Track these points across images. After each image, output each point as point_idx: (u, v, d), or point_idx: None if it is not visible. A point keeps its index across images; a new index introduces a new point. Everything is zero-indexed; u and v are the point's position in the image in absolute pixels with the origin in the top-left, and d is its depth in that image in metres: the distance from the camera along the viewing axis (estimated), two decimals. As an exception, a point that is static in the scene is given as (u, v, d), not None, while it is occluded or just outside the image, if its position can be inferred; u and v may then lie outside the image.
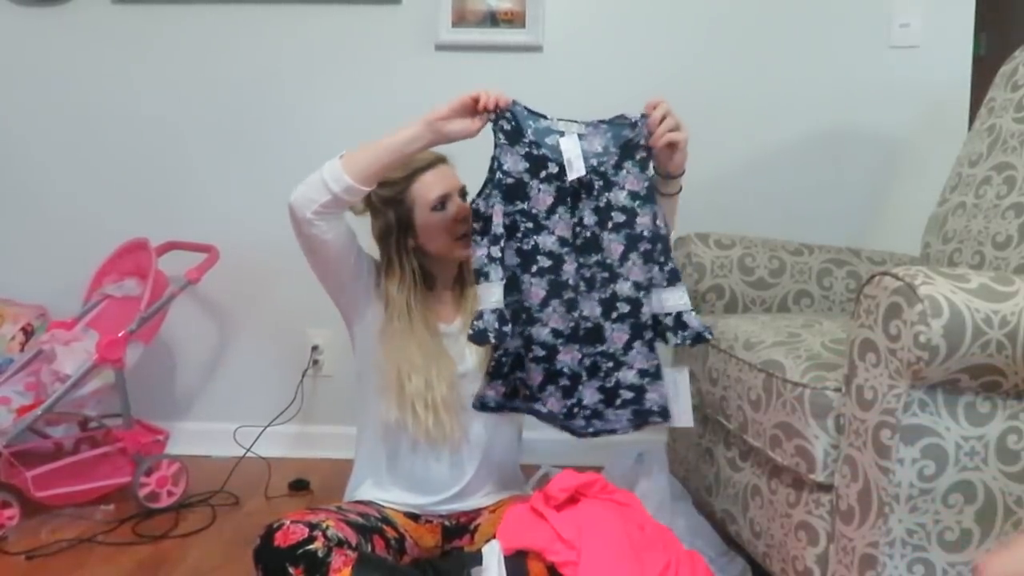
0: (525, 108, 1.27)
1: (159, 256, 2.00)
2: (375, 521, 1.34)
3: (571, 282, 1.27)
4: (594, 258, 1.27)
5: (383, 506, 1.42)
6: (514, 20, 2.14)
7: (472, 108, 1.24)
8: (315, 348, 2.22)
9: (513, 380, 1.34)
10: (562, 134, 1.26)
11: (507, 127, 1.25)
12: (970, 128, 1.79)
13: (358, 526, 1.27)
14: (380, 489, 1.45)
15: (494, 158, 1.26)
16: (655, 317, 1.30)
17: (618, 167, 1.27)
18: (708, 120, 2.15)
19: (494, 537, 1.23)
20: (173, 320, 2.11)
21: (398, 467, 1.44)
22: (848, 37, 2.13)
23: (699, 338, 1.30)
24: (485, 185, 1.27)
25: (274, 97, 2.21)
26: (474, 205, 1.26)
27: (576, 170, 1.24)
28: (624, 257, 1.27)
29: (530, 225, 1.26)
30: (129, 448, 1.87)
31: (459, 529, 1.44)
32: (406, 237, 1.41)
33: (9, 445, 1.74)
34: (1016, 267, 1.41)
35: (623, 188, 1.27)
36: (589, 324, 1.28)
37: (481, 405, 1.36)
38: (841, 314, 1.73)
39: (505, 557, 1.19)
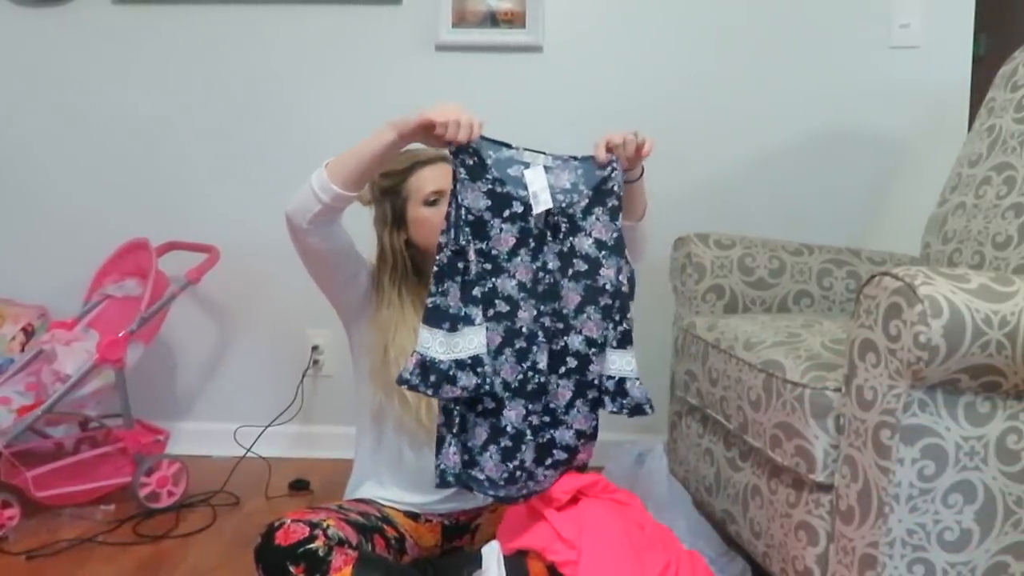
0: (484, 138, 1.16)
1: (159, 256, 2.00)
2: (375, 520, 1.34)
3: (525, 330, 1.17)
4: (551, 306, 1.18)
5: (383, 505, 1.42)
6: (514, 20, 2.14)
7: (432, 134, 1.15)
8: (315, 348, 2.22)
9: (464, 441, 1.19)
10: (527, 165, 1.17)
11: (468, 161, 1.15)
12: (970, 128, 1.79)
13: (359, 525, 1.27)
14: (380, 488, 1.45)
15: (453, 194, 1.15)
16: (599, 378, 1.20)
17: (587, 212, 1.19)
18: (708, 120, 2.16)
19: (494, 537, 1.23)
20: (173, 320, 2.11)
21: (398, 465, 1.44)
22: (848, 37, 2.13)
23: (638, 409, 1.20)
24: (449, 224, 1.15)
25: (274, 97, 2.21)
26: (441, 240, 1.15)
27: (543, 203, 1.15)
28: (580, 309, 1.18)
29: (488, 267, 1.16)
30: (129, 448, 1.87)
31: (459, 529, 1.45)
32: (398, 230, 1.43)
33: (9, 445, 1.74)
34: (1016, 267, 1.41)
35: (589, 235, 1.18)
36: (539, 378, 1.18)
37: (442, 480, 1.17)
38: (841, 314, 1.73)
39: (505, 557, 1.19)
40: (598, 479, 1.27)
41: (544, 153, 1.19)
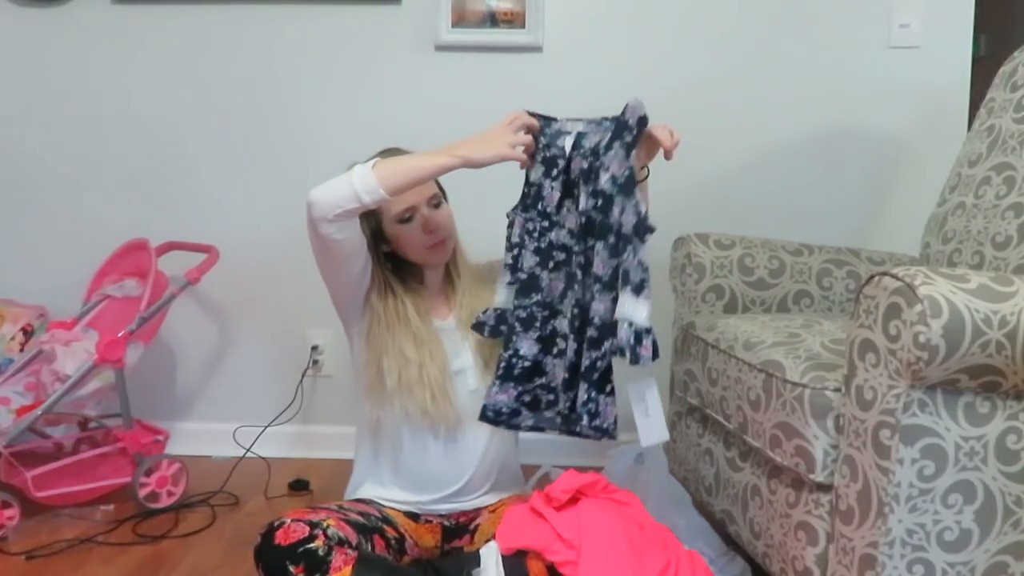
0: (537, 115, 1.30)
1: (159, 256, 2.00)
2: (375, 521, 1.34)
3: (576, 270, 1.28)
4: (591, 242, 1.26)
5: (383, 505, 1.42)
6: (514, 20, 2.14)
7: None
8: (315, 348, 2.22)
9: (533, 389, 1.32)
10: (569, 133, 1.29)
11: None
12: (970, 128, 1.79)
13: (359, 525, 1.27)
14: (380, 488, 1.45)
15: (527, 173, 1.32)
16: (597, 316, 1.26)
17: (608, 147, 1.25)
18: (708, 120, 2.16)
19: (494, 538, 1.23)
20: (173, 320, 2.11)
21: (398, 466, 1.44)
22: (848, 37, 2.13)
23: (621, 352, 1.20)
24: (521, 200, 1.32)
25: (274, 97, 2.21)
26: (508, 216, 1.33)
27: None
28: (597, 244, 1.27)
29: (545, 224, 1.30)
30: (129, 448, 1.87)
31: (459, 529, 1.45)
32: (379, 243, 1.44)
33: (9, 445, 1.74)
34: (1016, 267, 1.41)
35: (608, 170, 1.25)
36: (579, 309, 1.28)
37: (495, 414, 1.32)
38: (841, 314, 1.73)
39: (505, 557, 1.19)
40: (598, 479, 1.28)
41: (582, 120, 1.29)
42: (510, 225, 1.32)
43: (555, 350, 1.31)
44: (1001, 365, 1.02)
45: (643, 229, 1.24)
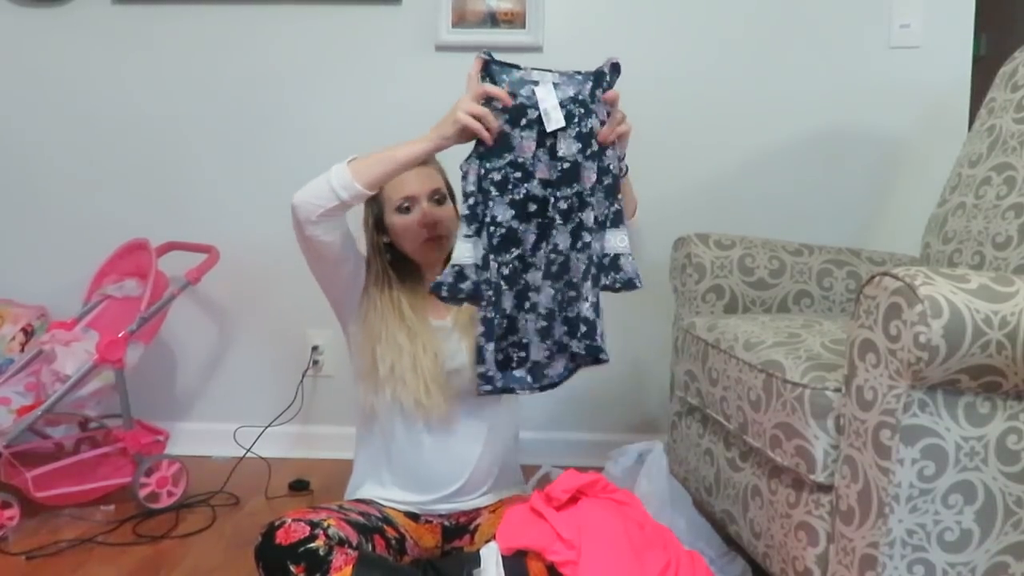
0: (495, 61, 1.26)
1: (159, 256, 2.00)
2: (376, 521, 1.34)
3: (552, 217, 1.26)
4: (573, 189, 1.25)
5: (384, 505, 1.42)
6: (514, 20, 2.14)
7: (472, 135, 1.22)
8: (315, 348, 2.22)
9: (505, 347, 1.30)
10: (536, 83, 1.24)
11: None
12: (970, 128, 1.79)
13: (359, 525, 1.27)
14: (380, 488, 1.45)
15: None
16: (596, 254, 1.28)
17: (592, 97, 1.25)
18: (708, 120, 2.16)
19: (494, 538, 1.23)
20: (173, 320, 2.11)
21: (398, 465, 1.44)
22: (848, 37, 2.13)
23: (629, 284, 1.26)
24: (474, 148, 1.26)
25: (274, 97, 2.21)
26: (461, 168, 1.26)
27: (554, 121, 1.23)
28: (594, 188, 1.26)
29: (519, 175, 1.25)
30: (129, 448, 1.87)
31: (459, 529, 1.45)
32: (379, 234, 1.45)
33: (9, 445, 1.74)
34: (1016, 267, 1.41)
35: (597, 117, 1.25)
36: (561, 258, 1.27)
37: (486, 380, 1.27)
38: (841, 314, 1.73)
39: (505, 557, 1.19)
40: (598, 478, 1.28)
41: (551, 71, 1.25)
42: (465, 176, 1.25)
43: (527, 304, 1.29)
44: (1001, 365, 1.02)
45: (624, 169, 1.28)
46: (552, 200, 1.26)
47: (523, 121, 1.25)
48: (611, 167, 1.26)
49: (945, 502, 1.06)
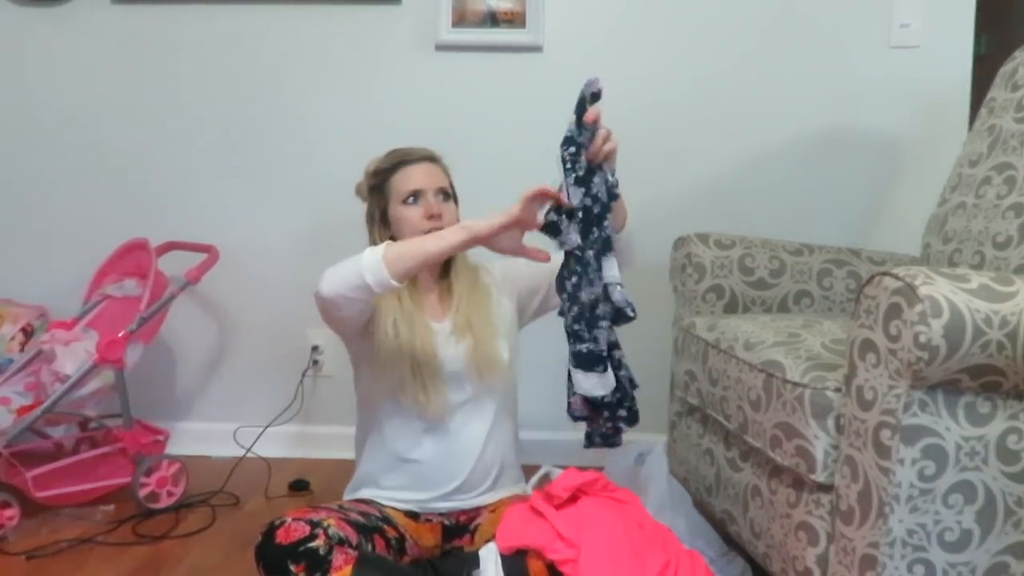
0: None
1: (159, 256, 2.00)
2: (376, 520, 1.34)
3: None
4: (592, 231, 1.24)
5: (383, 505, 1.42)
6: (514, 20, 2.14)
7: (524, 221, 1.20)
8: (315, 348, 2.22)
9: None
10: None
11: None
12: (970, 128, 1.79)
13: (359, 525, 1.27)
14: (380, 488, 1.45)
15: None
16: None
17: (579, 130, 1.22)
18: (708, 120, 2.16)
19: (494, 537, 1.23)
20: (173, 320, 2.11)
21: (398, 465, 1.44)
22: (848, 37, 2.13)
23: (620, 315, 1.22)
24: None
25: (274, 97, 2.21)
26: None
27: (571, 243, 1.22)
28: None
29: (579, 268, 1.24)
30: (129, 448, 1.87)
31: (459, 529, 1.45)
32: (383, 227, 1.46)
33: (9, 445, 1.74)
34: (1016, 267, 1.41)
35: (586, 148, 1.22)
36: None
37: (587, 403, 1.27)
38: (841, 314, 1.73)
39: (505, 556, 1.19)
40: (598, 477, 1.27)
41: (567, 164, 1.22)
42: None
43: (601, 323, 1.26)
44: (1002, 365, 1.01)
45: (615, 183, 1.25)
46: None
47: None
48: (599, 194, 1.22)
49: (945, 502, 1.06)
